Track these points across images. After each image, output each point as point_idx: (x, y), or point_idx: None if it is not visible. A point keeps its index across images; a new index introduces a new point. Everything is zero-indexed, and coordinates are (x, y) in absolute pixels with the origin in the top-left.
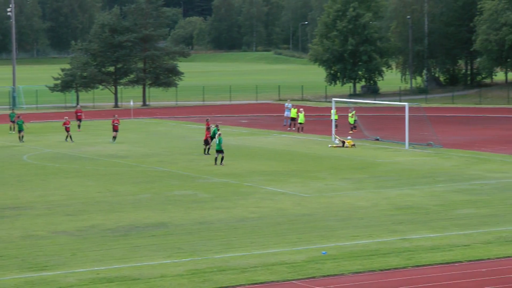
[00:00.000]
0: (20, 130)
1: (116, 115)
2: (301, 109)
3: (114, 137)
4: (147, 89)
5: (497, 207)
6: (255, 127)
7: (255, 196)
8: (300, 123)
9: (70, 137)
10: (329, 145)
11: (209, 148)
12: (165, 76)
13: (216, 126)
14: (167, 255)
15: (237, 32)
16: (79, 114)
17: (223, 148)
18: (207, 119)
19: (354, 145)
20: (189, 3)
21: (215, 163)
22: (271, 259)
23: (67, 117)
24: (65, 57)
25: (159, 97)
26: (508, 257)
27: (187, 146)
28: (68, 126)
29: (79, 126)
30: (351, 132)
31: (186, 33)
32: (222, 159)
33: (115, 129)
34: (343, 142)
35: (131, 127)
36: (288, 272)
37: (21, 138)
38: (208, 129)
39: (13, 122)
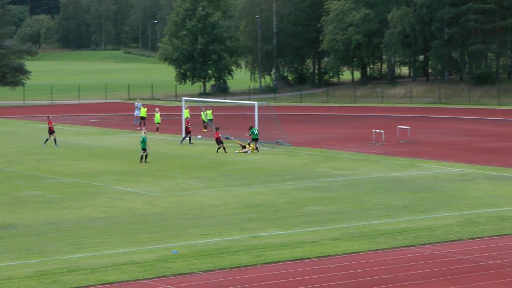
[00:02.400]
0: None
1: (51, 116)
2: (156, 108)
3: (54, 140)
4: None
5: (344, 203)
6: (105, 127)
7: (105, 196)
8: (157, 123)
9: (55, 140)
10: (235, 151)
11: (219, 148)
12: (11, 75)
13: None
14: (15, 256)
15: (86, 30)
16: None
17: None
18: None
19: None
20: (36, 1)
21: (141, 162)
22: (121, 258)
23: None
24: None
25: (5, 96)
26: (355, 252)
27: (35, 146)
28: (51, 126)
29: None
30: (205, 130)
31: (33, 32)
32: (146, 157)
33: (51, 130)
34: (244, 147)
35: None
36: (139, 272)
37: None
38: (216, 129)
39: None
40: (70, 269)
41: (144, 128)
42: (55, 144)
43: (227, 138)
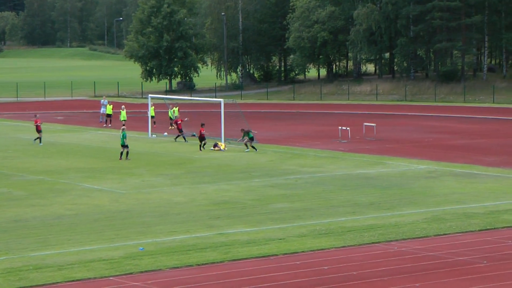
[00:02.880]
0: None
1: (38, 114)
2: (122, 106)
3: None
4: None
5: (311, 201)
6: (71, 124)
7: (72, 193)
8: (123, 120)
9: (39, 138)
10: (211, 148)
11: (204, 144)
12: None
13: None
14: None
15: (51, 27)
16: None
17: (126, 143)
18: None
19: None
20: None
21: (120, 158)
22: (88, 256)
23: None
24: None
25: None
26: (322, 249)
27: (0, 143)
28: (39, 125)
29: None
30: (171, 127)
31: None
32: (127, 154)
33: (38, 129)
34: (216, 144)
35: None
36: (106, 269)
37: None
38: (202, 125)
39: None
40: (37, 266)
41: (110, 125)
42: (39, 142)
43: (194, 135)
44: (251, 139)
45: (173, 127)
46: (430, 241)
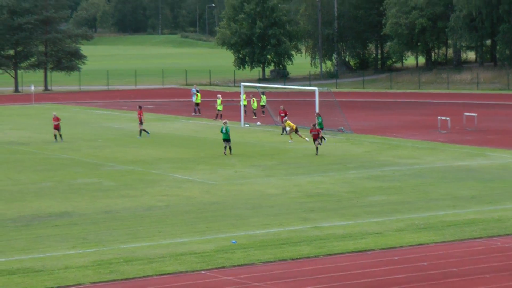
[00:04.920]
0: None
1: (141, 106)
2: (218, 95)
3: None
4: (48, 73)
5: (409, 194)
6: (162, 113)
7: (162, 184)
8: (219, 110)
9: (143, 130)
10: (289, 141)
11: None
12: (67, 60)
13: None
14: (72, 245)
15: (142, 14)
16: None
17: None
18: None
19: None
20: None
21: (225, 153)
22: (179, 248)
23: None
24: None
25: (61, 81)
26: (420, 244)
27: (91, 132)
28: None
29: None
30: (254, 117)
31: (89, 15)
32: (230, 148)
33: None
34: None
35: (32, 112)
36: (197, 262)
37: None
38: (314, 126)
39: None
40: (127, 259)
41: (199, 113)
42: (146, 133)
43: (341, 130)
44: (320, 128)
45: (256, 117)
46: None
